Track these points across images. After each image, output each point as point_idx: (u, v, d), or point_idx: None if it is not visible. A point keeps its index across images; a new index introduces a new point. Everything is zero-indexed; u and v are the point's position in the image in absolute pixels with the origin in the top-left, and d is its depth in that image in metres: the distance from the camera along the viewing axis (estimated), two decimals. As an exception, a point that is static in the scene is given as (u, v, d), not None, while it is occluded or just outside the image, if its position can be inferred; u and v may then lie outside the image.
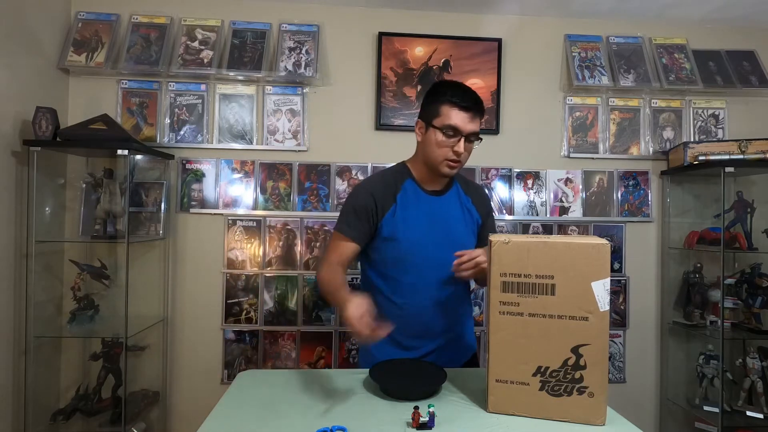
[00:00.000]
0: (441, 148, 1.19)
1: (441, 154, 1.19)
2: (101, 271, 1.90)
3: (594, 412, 0.91)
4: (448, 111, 1.17)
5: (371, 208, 1.23)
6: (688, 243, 2.13)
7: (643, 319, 2.21)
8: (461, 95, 1.18)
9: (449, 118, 1.17)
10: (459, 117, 1.17)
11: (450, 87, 1.21)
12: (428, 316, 1.25)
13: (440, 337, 1.27)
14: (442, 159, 1.20)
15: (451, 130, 1.17)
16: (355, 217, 1.24)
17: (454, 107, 1.17)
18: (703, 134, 2.25)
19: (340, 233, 1.25)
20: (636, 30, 2.25)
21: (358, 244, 1.25)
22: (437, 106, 1.19)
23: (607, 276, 0.90)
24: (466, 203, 1.32)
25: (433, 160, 1.22)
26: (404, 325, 1.24)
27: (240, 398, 1.04)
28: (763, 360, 1.94)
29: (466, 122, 1.17)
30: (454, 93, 1.18)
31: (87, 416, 1.82)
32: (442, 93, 1.20)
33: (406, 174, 1.29)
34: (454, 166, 1.21)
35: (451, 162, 1.20)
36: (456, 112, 1.17)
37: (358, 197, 1.26)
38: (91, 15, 2.05)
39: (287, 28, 2.12)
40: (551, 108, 2.22)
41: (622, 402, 1.85)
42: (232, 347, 2.08)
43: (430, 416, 0.89)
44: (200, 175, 2.09)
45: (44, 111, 1.73)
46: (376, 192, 1.25)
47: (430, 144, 1.21)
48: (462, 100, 1.17)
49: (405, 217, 1.23)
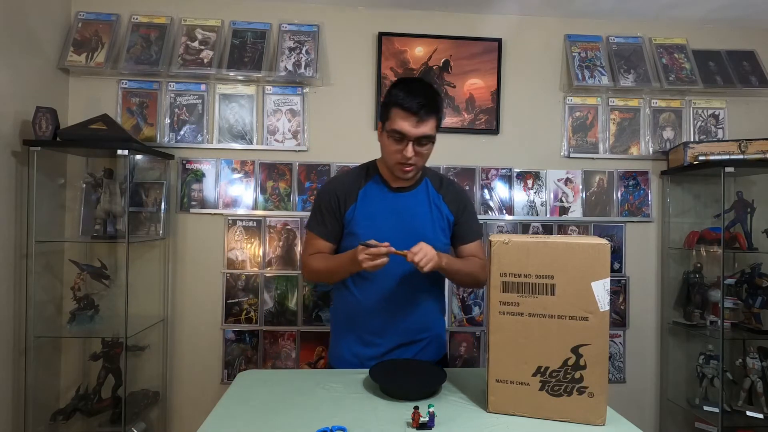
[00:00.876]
0: (392, 153, 1.18)
1: (392, 158, 1.19)
2: (101, 271, 1.89)
3: (594, 412, 0.91)
4: (395, 115, 1.14)
5: (334, 204, 1.26)
6: (688, 243, 2.13)
7: (643, 319, 2.21)
8: (409, 98, 1.12)
9: (395, 123, 1.14)
10: (406, 122, 1.13)
11: (400, 88, 1.16)
12: (389, 313, 1.25)
13: (403, 335, 1.27)
14: (394, 162, 1.19)
15: (397, 134, 1.14)
16: (321, 215, 1.27)
17: (400, 111, 1.13)
18: (703, 134, 2.25)
19: (311, 231, 1.31)
20: (636, 30, 2.25)
21: (330, 242, 1.28)
22: (388, 108, 1.17)
23: (607, 276, 0.90)
24: (436, 200, 1.30)
25: (387, 162, 1.22)
26: (365, 320, 1.26)
27: (240, 398, 1.04)
28: (763, 360, 1.94)
29: (412, 127, 1.13)
30: (403, 95, 1.13)
31: (87, 416, 1.82)
32: (393, 94, 1.16)
33: (373, 170, 1.30)
34: (408, 169, 1.19)
35: (403, 165, 1.18)
36: (402, 117, 1.13)
37: (322, 196, 1.29)
38: (91, 15, 2.05)
39: (287, 28, 2.12)
40: (551, 108, 2.22)
41: (622, 402, 1.86)
42: (232, 347, 2.08)
43: (430, 416, 0.89)
44: (200, 175, 2.09)
45: (44, 111, 1.73)
46: (339, 189, 1.27)
47: (383, 147, 1.22)
48: (408, 103, 1.12)
49: (366, 212, 1.24)
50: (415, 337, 1.28)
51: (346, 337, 1.30)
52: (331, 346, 1.37)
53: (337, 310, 1.36)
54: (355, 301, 1.27)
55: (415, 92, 1.14)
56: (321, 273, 1.28)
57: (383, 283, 1.24)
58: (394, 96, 1.15)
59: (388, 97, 1.18)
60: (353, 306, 1.28)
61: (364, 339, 1.27)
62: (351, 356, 1.28)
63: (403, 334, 1.27)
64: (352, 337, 1.29)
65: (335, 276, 1.26)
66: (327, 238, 1.28)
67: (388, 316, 1.25)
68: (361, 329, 1.27)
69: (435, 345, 1.34)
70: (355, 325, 1.28)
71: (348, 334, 1.30)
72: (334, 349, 1.35)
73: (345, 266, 1.19)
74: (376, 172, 1.30)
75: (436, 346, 1.34)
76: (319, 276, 1.31)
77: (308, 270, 1.30)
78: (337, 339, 1.34)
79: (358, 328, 1.28)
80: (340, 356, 1.30)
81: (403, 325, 1.27)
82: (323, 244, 1.29)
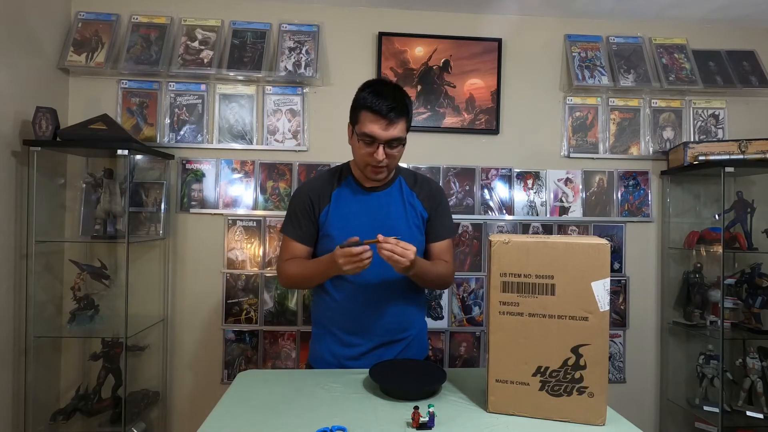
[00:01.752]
0: (362, 156, 1.17)
1: (363, 160, 1.18)
2: (101, 271, 1.89)
3: (594, 412, 0.91)
4: (364, 118, 1.13)
5: (308, 207, 1.25)
6: (688, 243, 2.13)
7: (643, 319, 2.21)
8: (378, 101, 1.10)
9: (364, 126, 1.13)
10: (375, 125, 1.11)
11: (369, 90, 1.15)
12: (366, 313, 1.24)
13: (383, 335, 1.26)
14: (365, 165, 1.18)
15: (368, 138, 1.13)
16: (297, 218, 1.26)
17: (369, 113, 1.12)
18: (703, 134, 2.25)
19: (286, 235, 1.28)
20: (636, 30, 2.25)
21: (306, 244, 1.27)
22: (358, 110, 1.16)
23: (607, 276, 0.90)
24: (410, 198, 1.29)
25: (359, 164, 1.22)
26: (342, 320, 1.26)
27: (240, 398, 1.04)
28: (763, 360, 1.94)
29: (382, 129, 1.11)
30: (371, 98, 1.11)
31: (87, 416, 1.82)
32: (361, 98, 1.14)
33: (346, 172, 1.30)
34: (379, 171, 1.18)
35: (375, 168, 1.17)
36: (372, 120, 1.11)
37: (296, 199, 1.29)
38: (91, 15, 2.05)
39: (287, 28, 2.12)
40: (551, 108, 2.22)
41: (622, 402, 1.86)
42: (232, 347, 2.08)
43: (430, 416, 0.89)
44: (200, 175, 2.09)
45: (44, 111, 1.73)
46: (313, 192, 1.26)
47: (354, 149, 1.21)
48: (377, 106, 1.10)
49: (339, 213, 1.24)
50: (395, 336, 1.27)
51: (325, 337, 1.29)
52: (311, 347, 1.35)
53: (316, 311, 1.35)
54: (333, 301, 1.26)
55: (383, 95, 1.12)
56: (297, 279, 1.25)
57: (361, 282, 1.22)
58: (363, 99, 1.13)
59: (356, 101, 1.17)
60: (331, 306, 1.27)
61: (342, 339, 1.26)
62: (330, 356, 1.27)
63: (383, 334, 1.26)
64: (331, 338, 1.28)
65: (312, 281, 1.25)
66: (303, 241, 1.26)
67: (366, 316, 1.24)
68: (340, 330, 1.26)
69: (416, 345, 1.32)
70: (333, 326, 1.27)
71: (327, 335, 1.29)
72: (313, 350, 1.34)
73: (323, 271, 1.17)
74: (349, 174, 1.29)
75: (417, 346, 1.32)
76: (296, 282, 1.28)
77: (284, 276, 1.26)
78: (316, 339, 1.33)
79: (337, 328, 1.26)
80: (320, 357, 1.29)
81: (383, 325, 1.25)
82: (299, 247, 1.26)
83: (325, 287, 1.27)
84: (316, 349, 1.31)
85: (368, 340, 1.25)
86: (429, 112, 2.15)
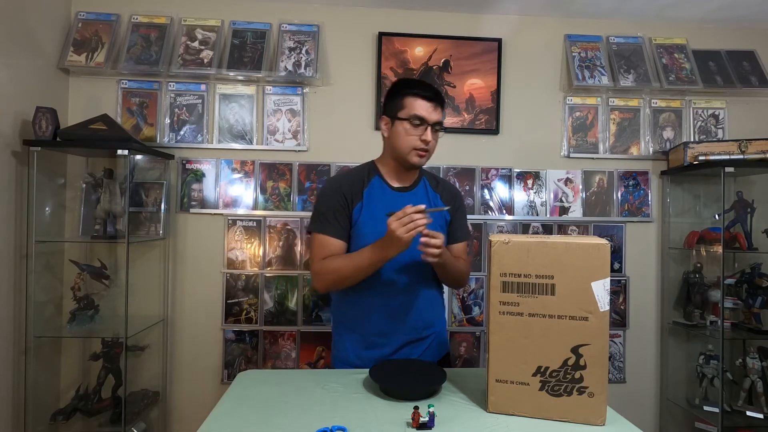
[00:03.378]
0: (409, 138, 1.22)
1: (409, 144, 1.22)
2: (101, 271, 1.90)
3: (594, 412, 0.91)
4: (412, 102, 1.22)
5: (343, 203, 1.25)
6: (688, 243, 2.13)
7: (643, 319, 2.21)
8: (423, 87, 1.23)
9: (414, 109, 1.21)
10: (423, 107, 1.21)
11: (411, 81, 1.27)
12: (391, 312, 1.25)
13: (406, 335, 1.26)
14: (411, 149, 1.23)
15: (417, 119, 1.20)
16: (332, 214, 1.24)
17: (417, 98, 1.21)
18: (703, 134, 2.25)
19: (321, 233, 1.24)
20: (636, 30, 2.25)
21: (343, 240, 1.25)
22: (401, 99, 1.24)
23: (607, 276, 0.90)
24: (434, 199, 1.33)
25: (401, 151, 1.24)
26: (367, 321, 1.26)
27: (240, 398, 1.04)
28: (763, 360, 1.94)
29: (430, 112, 1.21)
30: (416, 86, 1.24)
31: (87, 416, 1.82)
32: (405, 87, 1.25)
33: (373, 171, 1.31)
34: (423, 155, 1.24)
35: (419, 151, 1.23)
36: (420, 103, 1.21)
37: (328, 195, 1.27)
38: (91, 15, 2.05)
39: (287, 28, 2.12)
40: (551, 108, 2.22)
41: (622, 402, 1.85)
42: (232, 347, 2.08)
43: (430, 416, 0.89)
44: (200, 175, 2.09)
45: (44, 111, 1.73)
46: (345, 188, 1.26)
47: (397, 136, 1.24)
48: (424, 90, 1.22)
49: (371, 212, 1.24)
50: (420, 334, 1.28)
51: (350, 339, 1.29)
52: (334, 349, 1.35)
53: (338, 311, 1.35)
54: (357, 301, 1.26)
55: (425, 85, 1.25)
56: (344, 272, 1.18)
57: (389, 286, 1.23)
58: (408, 87, 1.24)
59: (399, 90, 1.25)
60: (355, 307, 1.27)
61: (368, 341, 1.26)
62: (355, 359, 1.26)
63: (408, 333, 1.27)
64: (356, 339, 1.27)
65: (360, 272, 1.17)
66: (340, 237, 1.24)
67: (391, 316, 1.25)
68: (365, 331, 1.26)
69: (439, 342, 1.34)
70: (358, 327, 1.27)
71: (351, 337, 1.28)
72: (337, 352, 1.33)
73: (374, 254, 1.12)
74: (376, 173, 1.30)
75: (440, 343, 1.35)
76: (342, 276, 1.19)
77: (327, 272, 1.20)
78: (339, 341, 1.32)
79: (362, 329, 1.26)
80: (345, 359, 1.28)
81: (408, 324, 1.26)
82: (337, 243, 1.23)
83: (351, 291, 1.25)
84: (340, 351, 1.31)
85: (394, 339, 1.26)
86: (429, 112, 2.15)
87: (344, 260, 1.20)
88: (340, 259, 1.20)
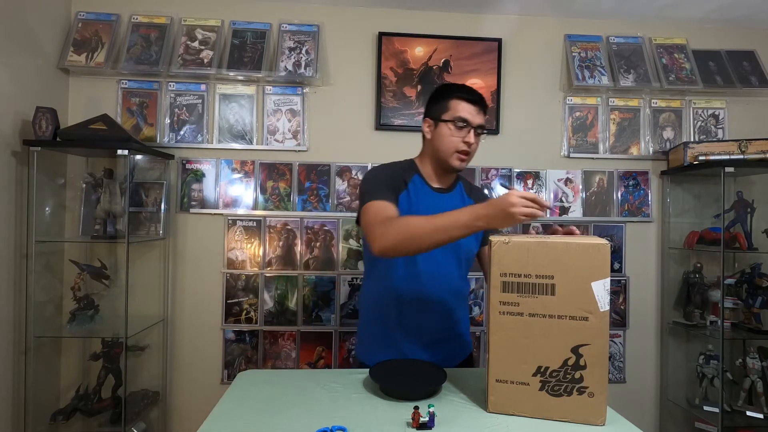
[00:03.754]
0: (452, 140, 1.24)
1: (452, 146, 1.24)
2: (101, 271, 1.90)
3: (594, 412, 0.91)
4: (456, 105, 1.24)
5: (396, 183, 1.25)
6: (688, 243, 2.13)
7: (643, 319, 2.21)
8: (469, 91, 1.26)
9: (458, 111, 1.23)
10: (468, 110, 1.24)
11: (456, 85, 1.30)
12: (424, 306, 1.26)
13: (434, 333, 1.28)
14: (453, 151, 1.24)
15: (461, 121, 1.23)
16: (389, 188, 1.21)
17: (462, 101, 1.24)
18: (703, 134, 2.25)
19: (381, 200, 1.16)
20: (636, 30, 2.25)
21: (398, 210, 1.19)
22: (446, 102, 1.26)
23: (607, 276, 0.90)
24: (469, 203, 1.33)
25: (443, 153, 1.25)
26: (400, 315, 1.26)
27: (240, 398, 1.04)
28: (763, 360, 1.94)
29: (474, 114, 1.24)
30: (462, 89, 1.27)
31: (87, 416, 1.82)
32: (449, 90, 1.27)
33: (414, 169, 1.32)
34: (465, 158, 1.26)
35: (461, 154, 1.24)
36: (464, 106, 1.24)
37: (381, 174, 1.26)
38: (91, 15, 2.05)
39: (287, 28, 2.12)
40: (551, 108, 2.22)
41: (622, 402, 1.85)
42: (232, 347, 2.08)
43: (430, 416, 0.89)
44: (200, 175, 2.09)
45: (44, 111, 1.73)
46: (396, 173, 1.28)
47: (441, 138, 1.25)
48: (469, 94, 1.25)
49: (411, 206, 1.24)
50: (447, 333, 1.29)
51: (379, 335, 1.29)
52: (362, 342, 1.35)
53: (366, 305, 1.35)
54: (388, 293, 1.26)
55: (470, 89, 1.28)
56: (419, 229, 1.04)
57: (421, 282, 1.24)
58: (455, 90, 1.27)
59: (445, 93, 1.27)
60: (385, 299, 1.27)
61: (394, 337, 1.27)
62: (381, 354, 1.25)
63: (437, 331, 1.28)
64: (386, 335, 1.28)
65: (441, 234, 1.02)
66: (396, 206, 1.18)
67: (422, 313, 1.26)
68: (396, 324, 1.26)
69: (465, 341, 1.36)
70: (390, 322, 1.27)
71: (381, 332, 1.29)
72: (363, 344, 1.34)
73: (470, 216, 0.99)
74: (417, 171, 1.32)
75: (465, 342, 1.36)
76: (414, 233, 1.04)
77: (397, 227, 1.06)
78: (368, 334, 1.33)
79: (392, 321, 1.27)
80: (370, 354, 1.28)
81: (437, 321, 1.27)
82: (396, 210, 1.16)
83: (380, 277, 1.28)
84: (366, 345, 1.33)
85: (423, 335, 1.27)
86: (429, 112, 2.15)
87: (421, 219, 1.05)
88: (415, 218, 1.08)
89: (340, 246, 2.11)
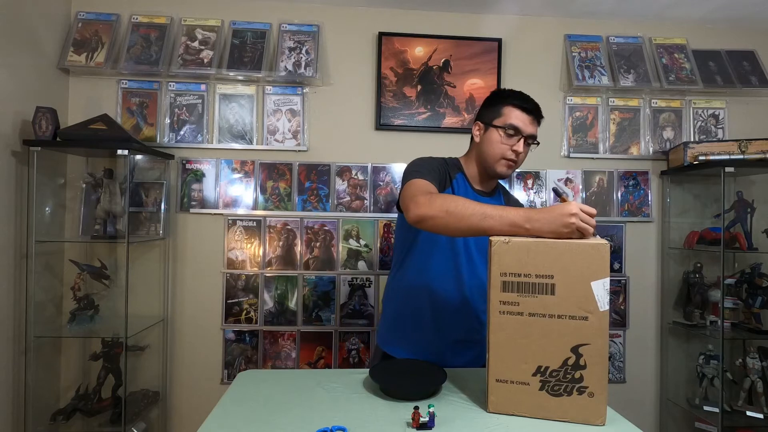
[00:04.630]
0: (501, 147, 1.23)
1: (500, 152, 1.23)
2: (101, 271, 1.90)
3: (594, 412, 0.91)
4: (510, 112, 1.22)
5: (442, 172, 1.24)
6: (688, 243, 2.13)
7: (643, 319, 2.21)
8: (524, 98, 1.24)
9: (511, 118, 1.22)
10: (521, 118, 1.22)
11: (513, 92, 1.27)
12: (459, 306, 1.26)
13: (467, 334, 1.28)
14: (500, 158, 1.23)
15: (512, 129, 1.21)
16: (435, 173, 1.20)
17: (516, 109, 1.22)
18: (703, 134, 2.25)
19: (424, 179, 1.14)
20: (636, 30, 2.25)
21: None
22: (500, 107, 1.24)
23: (607, 276, 0.90)
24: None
25: (490, 158, 1.24)
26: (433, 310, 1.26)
27: (240, 398, 1.04)
28: (763, 360, 1.94)
29: (527, 124, 1.22)
30: (518, 97, 1.24)
31: (87, 416, 1.82)
32: (505, 96, 1.26)
33: (459, 167, 1.32)
34: (511, 165, 1.24)
35: (508, 161, 1.23)
36: (518, 114, 1.22)
37: (428, 161, 1.25)
38: (91, 15, 2.05)
39: (287, 28, 2.12)
40: (551, 108, 2.21)
41: (622, 402, 1.86)
42: (232, 347, 2.08)
43: (430, 416, 0.89)
44: (200, 175, 2.09)
45: (44, 111, 1.73)
46: (442, 165, 1.27)
47: (489, 143, 1.24)
48: (525, 102, 1.23)
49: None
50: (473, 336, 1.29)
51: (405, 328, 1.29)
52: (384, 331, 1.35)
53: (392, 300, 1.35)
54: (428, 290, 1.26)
55: (527, 96, 1.26)
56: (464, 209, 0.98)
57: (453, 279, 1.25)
58: (510, 96, 1.25)
59: (499, 98, 1.26)
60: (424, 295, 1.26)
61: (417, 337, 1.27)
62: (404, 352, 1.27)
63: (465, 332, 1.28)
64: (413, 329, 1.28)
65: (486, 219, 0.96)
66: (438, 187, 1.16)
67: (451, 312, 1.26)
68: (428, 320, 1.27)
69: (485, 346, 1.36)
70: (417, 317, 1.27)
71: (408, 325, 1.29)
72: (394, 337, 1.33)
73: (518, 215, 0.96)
74: (461, 170, 1.31)
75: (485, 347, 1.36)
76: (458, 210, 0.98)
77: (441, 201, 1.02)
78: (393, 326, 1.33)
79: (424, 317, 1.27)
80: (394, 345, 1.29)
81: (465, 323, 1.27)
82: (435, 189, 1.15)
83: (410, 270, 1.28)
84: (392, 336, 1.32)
85: (453, 334, 1.27)
86: (429, 112, 2.15)
87: (469, 201, 1.01)
88: (462, 198, 1.03)
89: (340, 246, 2.11)
